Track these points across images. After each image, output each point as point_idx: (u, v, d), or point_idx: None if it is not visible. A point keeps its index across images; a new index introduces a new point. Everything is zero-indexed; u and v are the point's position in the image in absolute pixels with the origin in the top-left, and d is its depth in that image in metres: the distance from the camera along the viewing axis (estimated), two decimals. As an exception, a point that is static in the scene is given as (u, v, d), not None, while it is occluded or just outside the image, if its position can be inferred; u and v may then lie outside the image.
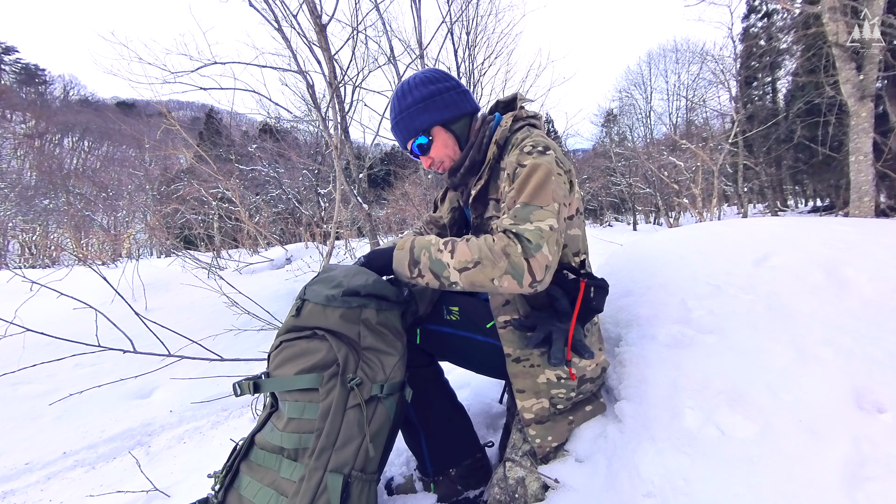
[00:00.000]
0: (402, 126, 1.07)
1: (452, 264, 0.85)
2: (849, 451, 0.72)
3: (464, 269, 0.84)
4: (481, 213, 1.07)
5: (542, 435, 0.97)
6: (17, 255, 10.45)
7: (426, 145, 1.08)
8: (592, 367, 0.99)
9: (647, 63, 24.44)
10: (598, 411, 1.03)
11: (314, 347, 0.94)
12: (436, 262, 0.87)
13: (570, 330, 0.90)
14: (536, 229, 0.82)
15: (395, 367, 0.96)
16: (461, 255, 0.84)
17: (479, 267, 0.82)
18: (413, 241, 0.92)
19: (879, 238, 1.20)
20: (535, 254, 0.80)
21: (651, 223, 22.90)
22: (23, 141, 29.17)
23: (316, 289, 0.98)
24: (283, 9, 4.55)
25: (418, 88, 1.06)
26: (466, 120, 1.10)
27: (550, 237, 0.82)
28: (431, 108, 1.05)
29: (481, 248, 0.83)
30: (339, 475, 0.85)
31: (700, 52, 17.20)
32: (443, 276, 0.87)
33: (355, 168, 5.32)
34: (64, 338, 1.70)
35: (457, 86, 1.09)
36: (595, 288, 0.93)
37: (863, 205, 3.95)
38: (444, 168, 1.12)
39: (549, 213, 0.85)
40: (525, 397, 0.97)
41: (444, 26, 7.74)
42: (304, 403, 0.91)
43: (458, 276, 0.85)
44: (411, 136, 1.07)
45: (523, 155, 0.93)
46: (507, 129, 1.04)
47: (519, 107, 1.11)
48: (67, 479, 2.00)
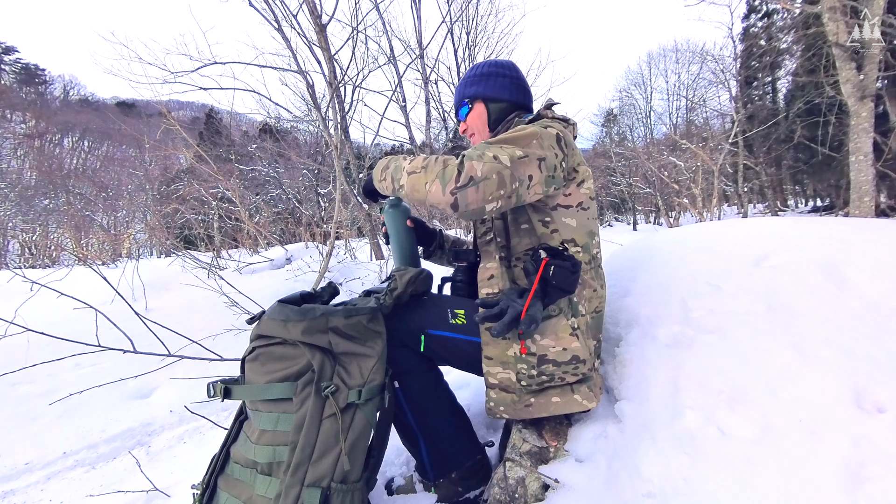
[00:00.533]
0: (460, 90, 1.25)
1: (406, 168, 0.92)
2: (849, 450, 0.72)
3: (412, 172, 0.90)
4: None
5: (498, 402, 0.99)
6: (17, 255, 10.46)
7: (466, 112, 1.23)
8: (557, 349, 0.95)
9: (647, 63, 24.46)
10: (567, 408, 0.97)
11: (289, 353, 0.91)
12: (397, 168, 0.95)
13: (525, 306, 0.89)
14: (481, 153, 0.83)
15: (374, 369, 0.92)
16: (415, 162, 0.91)
17: (422, 172, 0.87)
18: (389, 158, 1.04)
19: (879, 238, 1.20)
20: (467, 164, 0.81)
21: (651, 223, 22.90)
22: (23, 141, 29.15)
23: (276, 307, 0.96)
24: (283, 9, 4.56)
25: (485, 67, 1.23)
26: (506, 105, 1.21)
27: (491, 162, 0.80)
28: (482, 83, 1.20)
29: (431, 159, 0.89)
30: (316, 489, 0.81)
31: (700, 52, 17.20)
32: (396, 179, 0.94)
33: (355, 168, 5.33)
34: (64, 338, 1.70)
35: (516, 77, 1.23)
36: (555, 267, 0.91)
37: (863, 205, 3.96)
38: (474, 142, 1.24)
39: (504, 150, 0.84)
40: (492, 364, 0.99)
41: (444, 26, 7.74)
42: (277, 414, 0.88)
43: (405, 179, 0.91)
44: (460, 100, 1.24)
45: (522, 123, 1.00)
46: (525, 121, 1.08)
47: (546, 105, 1.15)
48: (67, 479, 2.00)
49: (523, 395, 0.98)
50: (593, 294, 1.06)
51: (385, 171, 1.00)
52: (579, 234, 1.03)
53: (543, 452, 1.01)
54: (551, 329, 0.96)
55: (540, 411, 0.98)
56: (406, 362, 1.05)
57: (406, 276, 1.04)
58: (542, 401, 0.98)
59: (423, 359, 1.08)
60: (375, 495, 1.15)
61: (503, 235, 1.05)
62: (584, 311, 1.03)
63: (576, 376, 0.98)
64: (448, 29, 7.83)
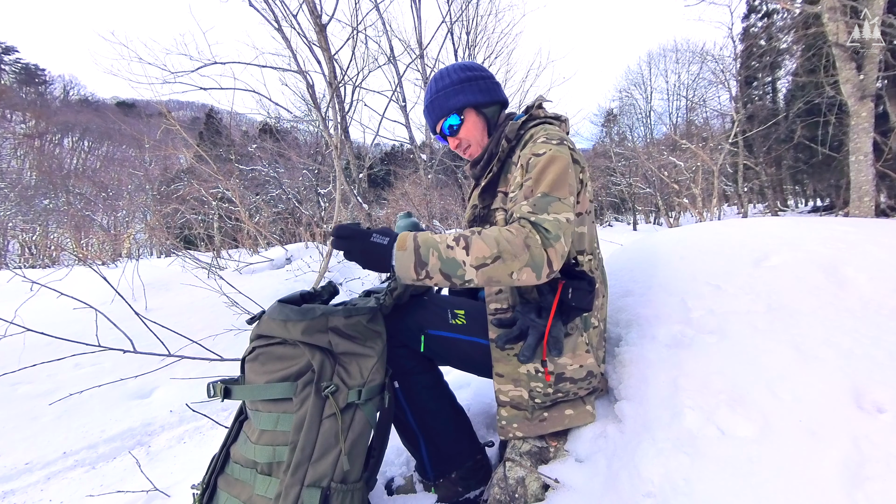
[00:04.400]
0: (437, 105, 1.10)
1: (469, 261, 0.78)
2: (849, 450, 0.72)
3: (481, 265, 0.78)
4: (488, 204, 1.09)
5: (510, 420, 0.98)
6: (17, 255, 10.46)
7: (457, 125, 1.10)
8: (574, 367, 0.95)
9: (647, 63, 24.46)
10: (580, 420, 0.98)
11: (289, 353, 0.91)
12: (448, 261, 0.79)
13: (547, 327, 0.89)
14: (555, 220, 0.82)
15: (374, 368, 0.93)
16: (478, 250, 0.78)
17: (500, 262, 0.78)
18: (415, 239, 0.81)
19: (879, 238, 1.20)
20: (555, 244, 0.80)
21: (651, 223, 22.91)
22: (23, 141, 29.15)
23: (276, 306, 0.96)
24: (283, 9, 4.56)
25: (456, 73, 1.11)
26: (497, 108, 1.14)
27: (567, 229, 0.83)
28: (467, 90, 1.09)
29: (499, 241, 0.79)
30: (316, 489, 0.81)
31: (700, 52, 17.21)
32: (456, 276, 0.79)
33: (355, 168, 5.32)
34: (64, 338, 1.70)
35: (491, 77, 1.14)
36: (573, 290, 0.91)
37: (863, 205, 3.96)
38: (471, 154, 1.14)
39: (566, 206, 0.86)
40: (503, 381, 0.97)
41: (444, 26, 7.74)
42: (277, 414, 0.88)
43: (473, 274, 0.78)
44: (444, 115, 1.10)
45: (538, 145, 0.94)
46: (520, 125, 1.06)
47: (536, 106, 1.11)
48: (67, 479, 2.00)
49: (536, 412, 0.97)
50: (603, 301, 1.07)
51: (421, 268, 0.79)
52: (588, 243, 1.02)
53: (543, 452, 1.01)
54: (569, 347, 0.95)
55: (555, 425, 0.98)
56: (406, 362, 1.05)
57: None
58: (555, 414, 0.98)
59: (424, 359, 1.08)
60: (375, 495, 1.15)
61: None
62: (595, 323, 1.03)
63: (587, 389, 1.00)
64: (448, 29, 7.83)
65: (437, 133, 1.15)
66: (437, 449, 1.10)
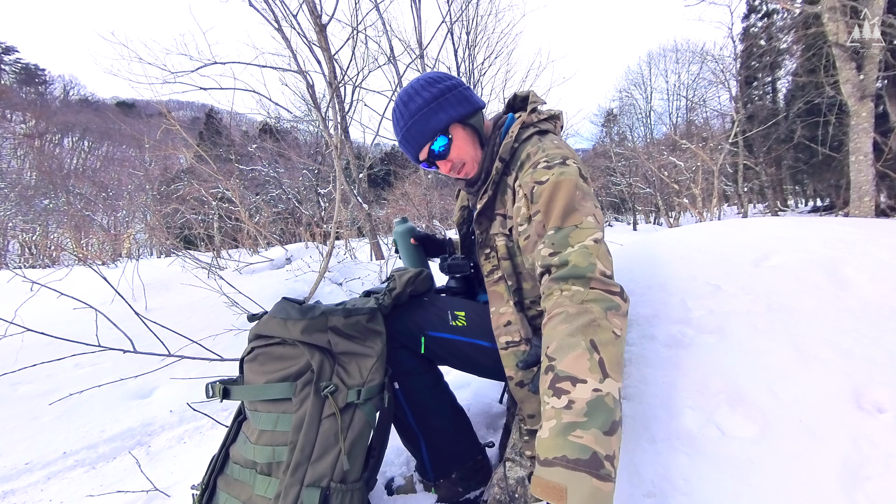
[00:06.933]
0: (416, 131, 0.96)
1: (595, 383, 0.63)
2: (848, 450, 0.72)
3: (602, 368, 0.65)
4: (486, 229, 1.02)
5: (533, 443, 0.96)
6: (17, 255, 10.46)
7: (446, 147, 0.97)
8: None
9: (647, 63, 24.51)
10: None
11: (288, 353, 0.91)
12: (594, 413, 0.61)
13: None
14: (581, 250, 0.77)
15: (373, 368, 0.93)
16: (578, 366, 0.65)
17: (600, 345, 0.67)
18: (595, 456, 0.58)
19: (879, 238, 1.20)
20: (593, 274, 0.75)
21: (651, 223, 22.92)
22: (23, 141, 29.15)
23: (280, 303, 0.96)
24: (283, 9, 4.56)
25: (425, 90, 0.96)
26: (480, 115, 1.03)
27: (597, 249, 0.78)
28: (445, 105, 0.95)
29: (573, 333, 0.68)
30: (316, 489, 0.81)
31: (700, 52, 17.22)
32: (616, 405, 0.63)
33: (355, 168, 5.32)
34: (64, 338, 1.70)
35: (461, 83, 1.01)
36: None
37: (863, 205, 3.96)
38: (467, 172, 1.03)
39: (587, 228, 0.80)
40: (536, 422, 0.91)
41: (444, 26, 7.75)
42: (276, 415, 0.88)
43: (613, 383, 0.65)
44: (427, 140, 0.96)
45: (539, 172, 0.86)
46: (513, 140, 0.97)
47: (529, 109, 1.01)
48: (67, 479, 2.00)
49: None
50: None
51: (610, 455, 0.60)
52: None
53: (543, 452, 1.01)
54: None
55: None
56: (406, 363, 1.05)
57: (405, 277, 1.04)
58: None
59: (424, 359, 1.07)
60: (375, 495, 1.15)
61: (514, 279, 0.97)
62: None
63: None
64: (448, 29, 7.84)
65: (424, 161, 1.01)
66: (437, 449, 1.10)
